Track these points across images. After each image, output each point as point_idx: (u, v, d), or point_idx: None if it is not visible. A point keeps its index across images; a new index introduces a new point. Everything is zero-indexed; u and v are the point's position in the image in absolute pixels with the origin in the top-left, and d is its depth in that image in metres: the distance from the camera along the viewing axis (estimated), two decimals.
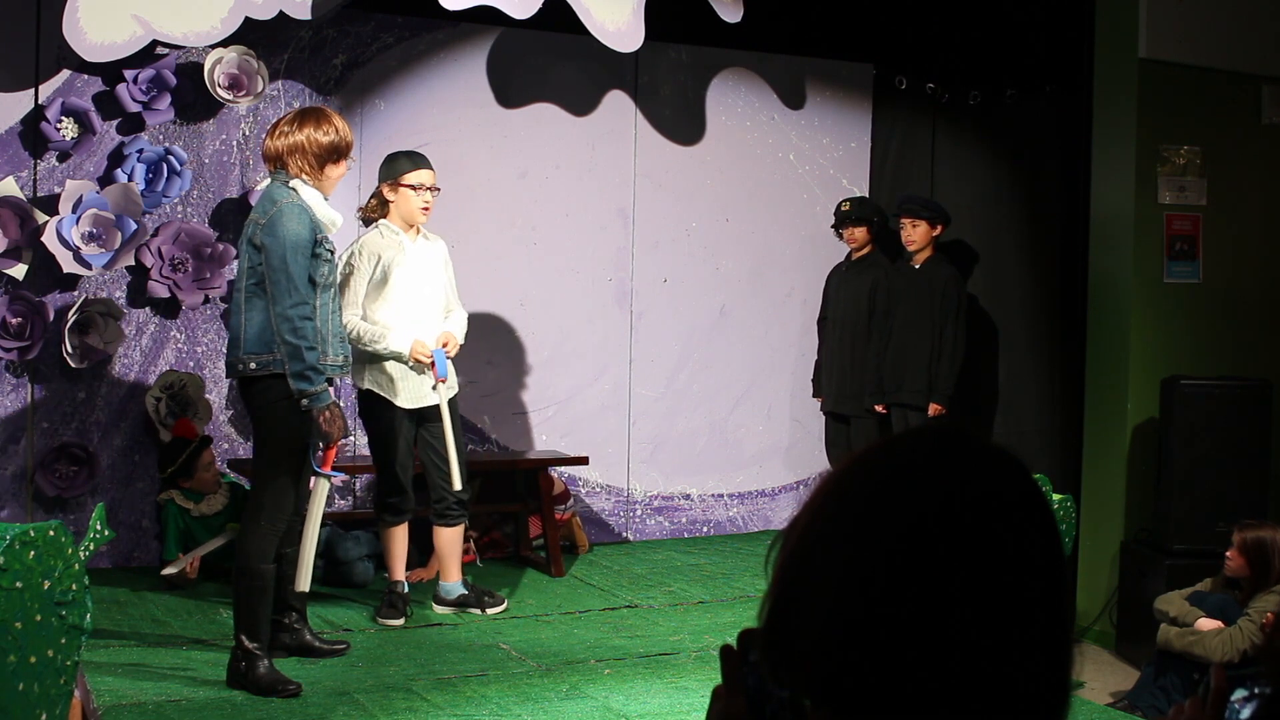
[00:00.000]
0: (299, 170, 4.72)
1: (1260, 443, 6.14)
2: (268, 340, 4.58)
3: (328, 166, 4.77)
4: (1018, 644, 1.04)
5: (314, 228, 4.64)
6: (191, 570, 5.83)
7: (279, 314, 4.54)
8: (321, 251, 4.67)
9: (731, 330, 7.41)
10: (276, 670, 4.59)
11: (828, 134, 7.55)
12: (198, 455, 5.97)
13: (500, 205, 6.85)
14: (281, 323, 4.54)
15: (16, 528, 3.51)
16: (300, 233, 4.58)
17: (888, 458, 1.11)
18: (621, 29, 6.23)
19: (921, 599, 1.03)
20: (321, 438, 4.62)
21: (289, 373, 4.54)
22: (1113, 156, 6.63)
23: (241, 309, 4.63)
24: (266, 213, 4.63)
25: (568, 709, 4.50)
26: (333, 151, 4.76)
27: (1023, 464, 1.10)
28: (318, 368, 4.57)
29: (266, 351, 4.58)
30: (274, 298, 4.55)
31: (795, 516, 1.12)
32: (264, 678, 4.52)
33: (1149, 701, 5.20)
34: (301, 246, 4.58)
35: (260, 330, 4.59)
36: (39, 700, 3.48)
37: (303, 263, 4.58)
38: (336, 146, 4.76)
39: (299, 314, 4.55)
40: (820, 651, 1.05)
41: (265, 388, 4.60)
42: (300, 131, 4.72)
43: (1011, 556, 1.05)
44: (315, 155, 4.73)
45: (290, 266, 4.55)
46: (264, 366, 4.58)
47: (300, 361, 4.53)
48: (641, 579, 6.39)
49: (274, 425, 4.63)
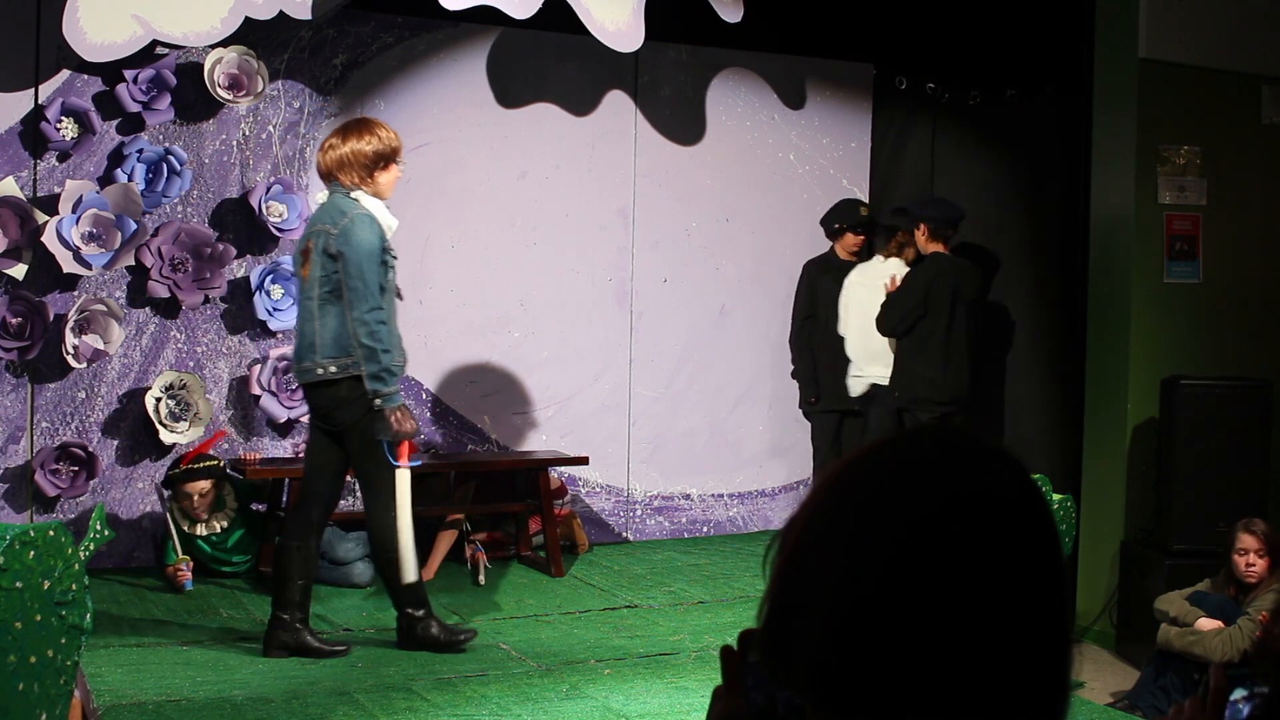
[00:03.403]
0: (351, 181, 4.88)
1: (1260, 443, 6.13)
2: (344, 345, 4.78)
3: (377, 174, 4.91)
4: (1017, 644, 1.04)
5: (383, 235, 4.83)
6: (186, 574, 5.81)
7: (357, 319, 4.73)
8: (388, 258, 4.85)
9: (731, 330, 7.40)
10: (445, 625, 5.06)
11: (828, 134, 7.55)
12: (188, 480, 5.84)
13: (500, 205, 6.85)
14: (359, 327, 4.73)
15: (16, 528, 3.51)
16: (373, 241, 4.79)
17: (886, 457, 1.11)
18: (621, 29, 6.23)
19: (920, 599, 1.03)
20: (393, 436, 4.80)
21: (366, 374, 4.75)
22: (1113, 156, 6.63)
23: (315, 315, 4.81)
24: (337, 223, 4.81)
25: (568, 709, 4.50)
26: (377, 159, 4.90)
27: (1021, 463, 1.10)
28: (392, 369, 4.78)
29: (343, 355, 4.79)
30: (351, 304, 4.74)
31: (793, 516, 1.12)
32: (439, 634, 5.01)
33: (1149, 701, 5.20)
34: (375, 254, 4.78)
35: (336, 335, 4.79)
36: (39, 700, 3.48)
37: (378, 270, 4.78)
38: (380, 154, 4.90)
39: (375, 319, 4.74)
40: (819, 652, 1.05)
41: (342, 390, 4.81)
42: (344, 145, 4.88)
43: (1010, 556, 1.05)
44: (362, 165, 4.88)
45: (366, 274, 4.74)
46: (342, 370, 4.80)
47: (377, 364, 4.74)
48: (641, 579, 6.39)
49: (364, 423, 4.83)
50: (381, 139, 4.91)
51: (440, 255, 6.73)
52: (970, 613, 1.03)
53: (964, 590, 1.03)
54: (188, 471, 5.84)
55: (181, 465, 5.87)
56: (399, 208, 6.65)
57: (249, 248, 6.36)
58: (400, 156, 4.99)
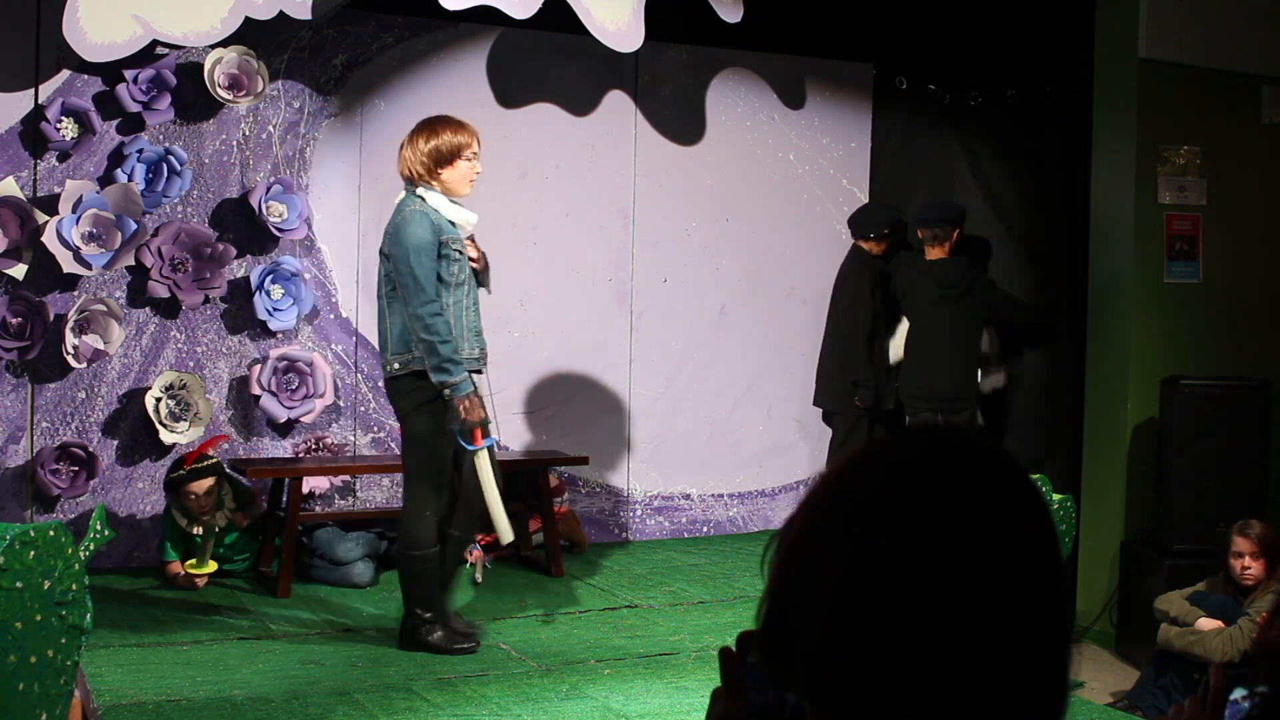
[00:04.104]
0: (420, 179, 5.00)
1: (1260, 443, 6.13)
2: (406, 341, 4.93)
3: (442, 169, 5.00)
4: (1016, 644, 1.04)
5: (436, 230, 4.91)
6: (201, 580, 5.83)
7: (411, 314, 4.85)
8: (449, 251, 4.94)
9: (731, 330, 7.40)
10: (452, 632, 5.08)
11: (828, 134, 7.55)
12: (193, 479, 5.83)
13: (500, 205, 6.85)
14: (414, 322, 4.85)
15: (16, 528, 3.51)
16: (421, 235, 4.88)
17: (883, 457, 1.11)
18: (621, 29, 6.22)
19: (918, 599, 1.03)
20: (460, 425, 4.90)
21: (429, 367, 4.87)
22: (1113, 156, 6.63)
23: (385, 314, 4.99)
24: (393, 223, 4.98)
25: (568, 709, 4.50)
26: (438, 156, 4.99)
27: (1019, 463, 1.10)
28: (454, 359, 4.86)
29: (406, 351, 4.94)
30: (405, 300, 4.87)
31: (791, 517, 1.12)
32: (440, 640, 5.03)
33: (1149, 701, 5.20)
34: (424, 249, 4.87)
35: (400, 332, 4.94)
36: (39, 700, 3.48)
37: (428, 264, 4.87)
38: (439, 151, 4.99)
39: (428, 312, 4.84)
40: (818, 652, 1.05)
41: (407, 386, 4.96)
42: (409, 146, 5.03)
43: (1008, 556, 1.05)
44: (424, 163, 4.99)
45: (415, 269, 4.84)
46: (405, 366, 4.95)
47: (436, 355, 4.84)
48: (641, 579, 6.39)
49: (418, 421, 4.97)
50: (440, 135, 4.99)
51: None
52: (969, 612, 1.03)
53: (962, 590, 1.03)
54: (193, 471, 5.84)
55: (185, 466, 5.87)
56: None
57: (249, 248, 6.36)
58: (468, 152, 5.02)
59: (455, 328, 4.94)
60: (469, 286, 5.04)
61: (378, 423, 6.64)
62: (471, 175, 5.06)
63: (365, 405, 6.62)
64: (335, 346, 6.56)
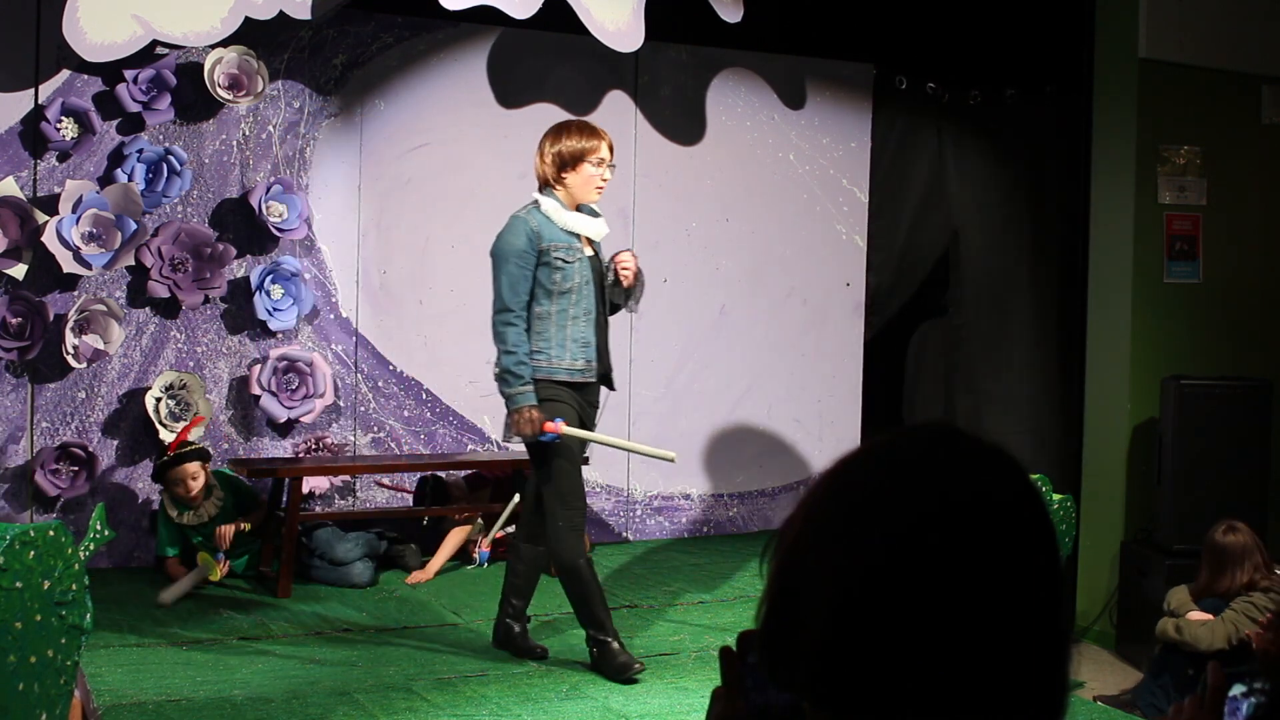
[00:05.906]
0: (547, 183, 4.94)
1: (1260, 443, 6.14)
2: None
3: (565, 174, 4.91)
4: (1015, 644, 1.04)
5: (534, 237, 4.82)
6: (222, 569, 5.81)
7: (492, 321, 4.85)
8: (551, 259, 4.83)
9: (731, 330, 7.40)
10: (626, 652, 4.88)
11: (828, 134, 7.55)
12: (174, 465, 5.83)
13: (500, 205, 6.82)
14: (492, 329, 4.84)
15: (16, 528, 3.51)
16: (512, 242, 4.81)
17: (883, 456, 1.11)
18: (621, 29, 6.23)
19: (918, 598, 1.03)
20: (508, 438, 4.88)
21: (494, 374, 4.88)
22: (1113, 156, 6.64)
23: None
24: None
25: (568, 709, 4.50)
26: (560, 160, 4.91)
27: (1018, 462, 1.10)
28: (515, 371, 4.79)
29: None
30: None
31: (790, 516, 1.12)
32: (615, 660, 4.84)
33: (1149, 701, 5.21)
34: (512, 256, 4.80)
35: None
36: (39, 700, 3.48)
37: (514, 272, 4.80)
38: (563, 155, 4.90)
39: (500, 320, 4.81)
40: (817, 652, 1.05)
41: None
42: (538, 151, 4.97)
43: (1007, 555, 1.05)
44: (549, 168, 4.92)
45: (498, 276, 4.82)
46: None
47: (499, 365, 4.84)
48: (641, 579, 6.39)
49: None
50: (562, 139, 4.91)
51: (440, 256, 6.73)
52: (968, 612, 1.03)
53: (962, 590, 1.03)
54: (177, 456, 5.83)
55: (168, 453, 5.88)
56: (398, 209, 6.67)
57: (249, 248, 6.36)
58: (593, 157, 4.90)
59: (557, 336, 4.82)
60: (580, 295, 4.86)
61: (378, 423, 6.64)
62: (598, 181, 4.92)
63: (365, 405, 6.62)
64: (335, 346, 6.56)
